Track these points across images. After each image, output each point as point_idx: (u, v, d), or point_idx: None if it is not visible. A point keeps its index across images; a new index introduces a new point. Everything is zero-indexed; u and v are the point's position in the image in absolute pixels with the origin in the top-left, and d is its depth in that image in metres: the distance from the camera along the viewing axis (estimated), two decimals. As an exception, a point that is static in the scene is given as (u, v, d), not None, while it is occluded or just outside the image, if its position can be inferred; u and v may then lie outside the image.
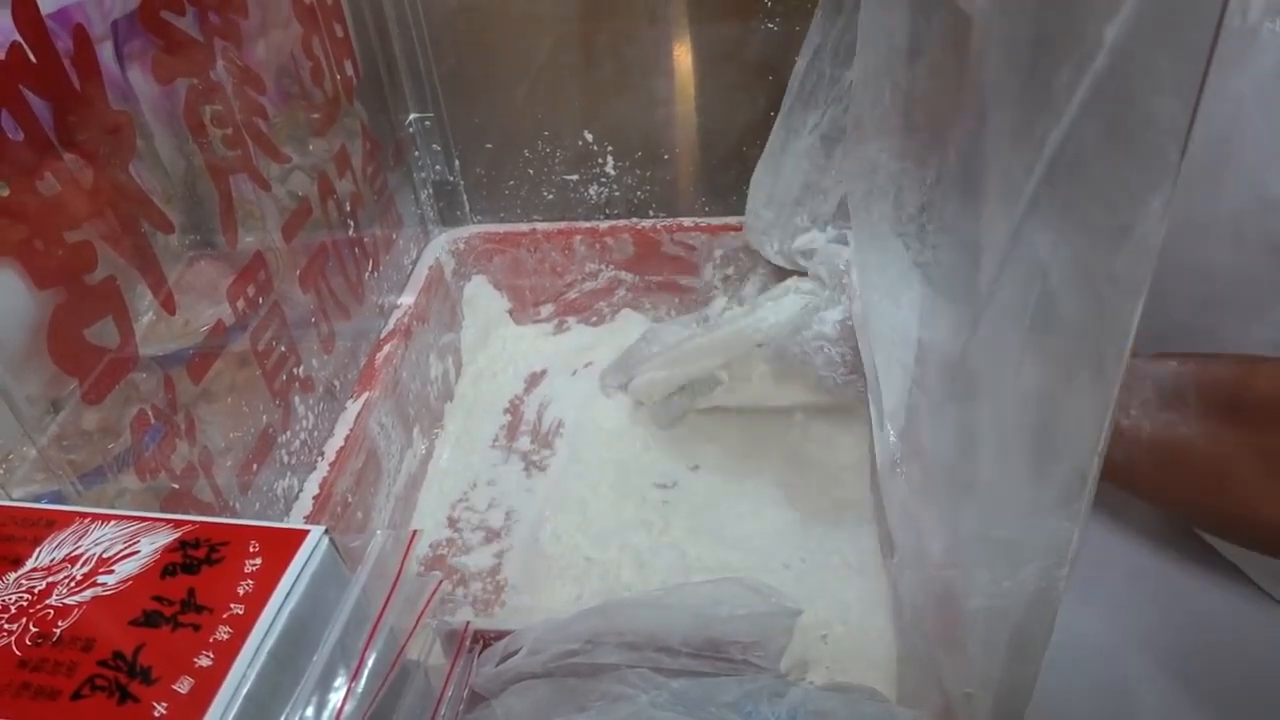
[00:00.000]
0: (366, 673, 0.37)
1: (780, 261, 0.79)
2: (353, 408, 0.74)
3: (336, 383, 0.74)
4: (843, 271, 0.68)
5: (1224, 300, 0.56)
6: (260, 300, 0.62)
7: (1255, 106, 0.47)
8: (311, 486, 0.66)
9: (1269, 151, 0.47)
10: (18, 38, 0.41)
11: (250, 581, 0.35)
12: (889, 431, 0.51)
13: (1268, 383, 0.47)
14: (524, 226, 0.96)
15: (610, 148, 0.91)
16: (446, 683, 0.45)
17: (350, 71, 0.78)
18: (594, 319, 0.99)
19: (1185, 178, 0.50)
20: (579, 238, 0.95)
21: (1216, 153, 0.51)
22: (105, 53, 0.48)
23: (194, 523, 0.37)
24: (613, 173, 0.93)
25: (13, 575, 0.35)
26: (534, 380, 0.94)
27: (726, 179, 0.92)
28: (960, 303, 0.40)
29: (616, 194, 0.94)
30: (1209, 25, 0.26)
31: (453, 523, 0.79)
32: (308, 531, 0.37)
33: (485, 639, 0.55)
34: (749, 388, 0.77)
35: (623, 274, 0.96)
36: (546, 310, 0.99)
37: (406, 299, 0.87)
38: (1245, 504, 0.47)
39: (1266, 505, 0.46)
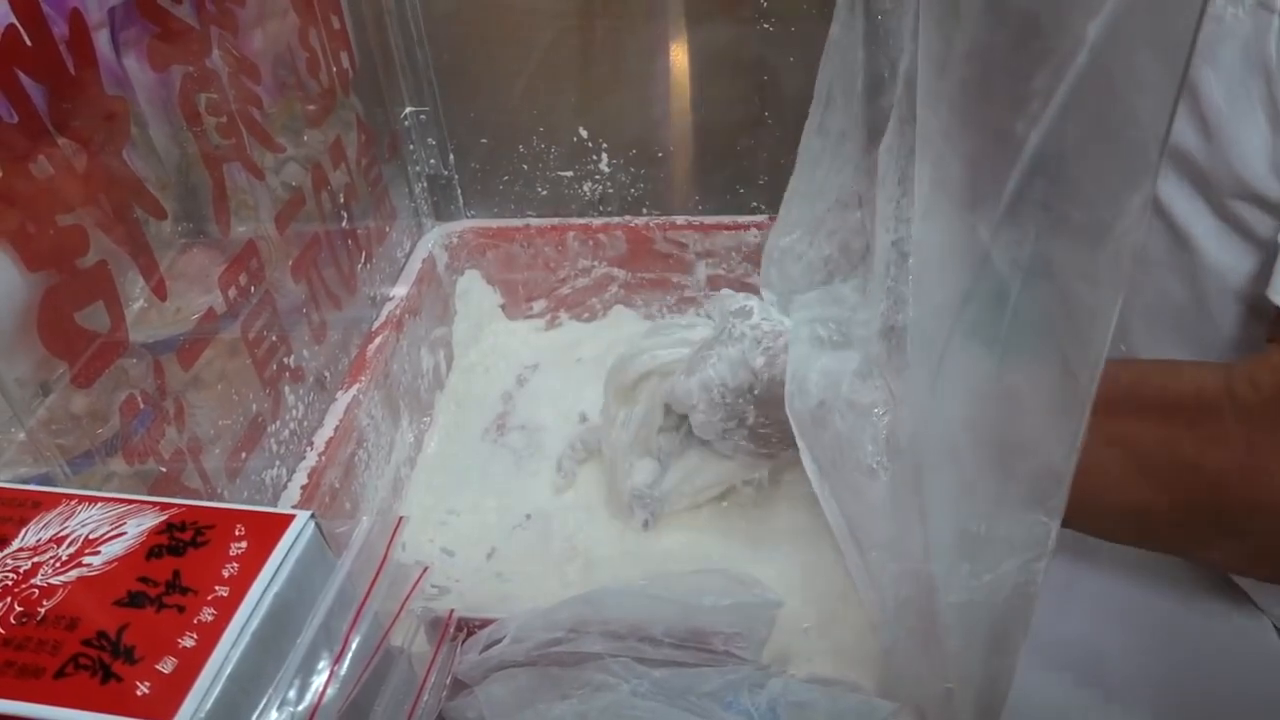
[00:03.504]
0: (349, 657, 0.37)
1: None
2: (343, 398, 0.74)
3: (327, 373, 0.74)
4: (732, 314, 0.66)
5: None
6: (252, 289, 0.62)
7: (1222, 97, 0.47)
8: (300, 476, 0.67)
9: (1242, 142, 0.48)
10: (14, 20, 0.41)
11: (235, 564, 0.35)
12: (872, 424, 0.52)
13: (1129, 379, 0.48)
14: (518, 222, 0.96)
15: (605, 145, 0.91)
16: (429, 669, 0.45)
17: (346, 64, 0.78)
18: (586, 315, 1.00)
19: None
20: (572, 234, 0.95)
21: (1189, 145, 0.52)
22: (102, 39, 0.48)
23: (181, 506, 0.37)
24: (607, 170, 0.93)
25: (-2, 554, 0.35)
26: (525, 375, 0.94)
27: (720, 178, 0.93)
28: (940, 300, 0.40)
29: (610, 191, 0.94)
30: (1189, 24, 0.27)
31: (440, 512, 0.79)
32: (294, 516, 0.37)
33: (469, 627, 0.55)
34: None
35: (615, 271, 0.97)
36: (539, 306, 1.00)
37: (399, 291, 0.87)
38: (1108, 497, 0.48)
39: (1127, 494, 0.47)
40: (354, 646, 0.38)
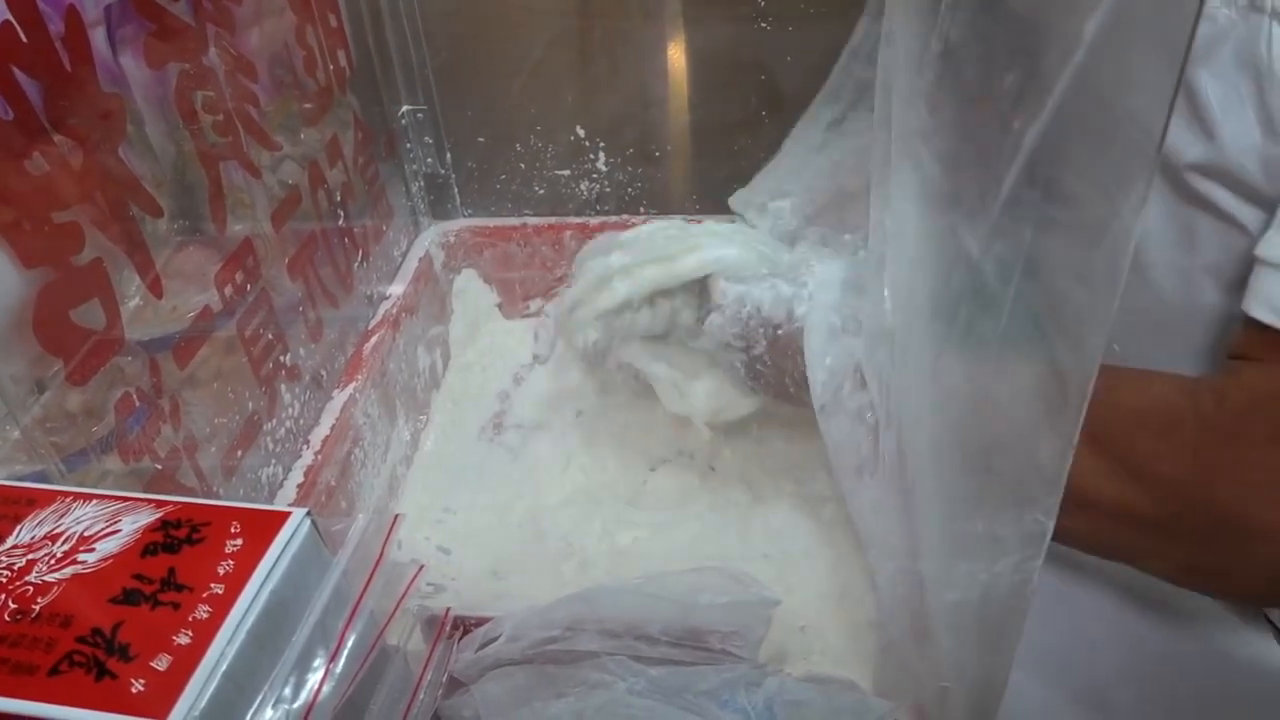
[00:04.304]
0: (345, 654, 0.37)
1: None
2: (339, 397, 0.74)
3: (323, 372, 0.74)
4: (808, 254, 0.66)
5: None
6: (248, 287, 0.62)
7: (1216, 97, 0.48)
8: (296, 474, 0.66)
9: (1237, 139, 0.49)
10: (9, 17, 0.41)
11: (231, 561, 0.35)
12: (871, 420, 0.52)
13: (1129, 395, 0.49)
14: (514, 220, 0.96)
15: (602, 144, 0.91)
16: (425, 667, 0.45)
17: (343, 62, 0.78)
18: (583, 314, 0.99)
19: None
20: (569, 233, 0.95)
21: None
22: (98, 37, 0.48)
23: (176, 503, 0.37)
24: (604, 169, 0.93)
25: (-7, 551, 0.35)
26: (521, 374, 0.94)
27: (717, 177, 0.92)
28: (938, 299, 0.40)
29: (607, 190, 0.94)
30: (1186, 24, 0.27)
31: (436, 510, 0.79)
32: (289, 513, 0.37)
33: (465, 625, 0.55)
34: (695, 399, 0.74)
35: (612, 270, 0.97)
36: (535, 304, 1.00)
37: (395, 290, 0.87)
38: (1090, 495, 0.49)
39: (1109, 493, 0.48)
40: (349, 644, 0.37)
